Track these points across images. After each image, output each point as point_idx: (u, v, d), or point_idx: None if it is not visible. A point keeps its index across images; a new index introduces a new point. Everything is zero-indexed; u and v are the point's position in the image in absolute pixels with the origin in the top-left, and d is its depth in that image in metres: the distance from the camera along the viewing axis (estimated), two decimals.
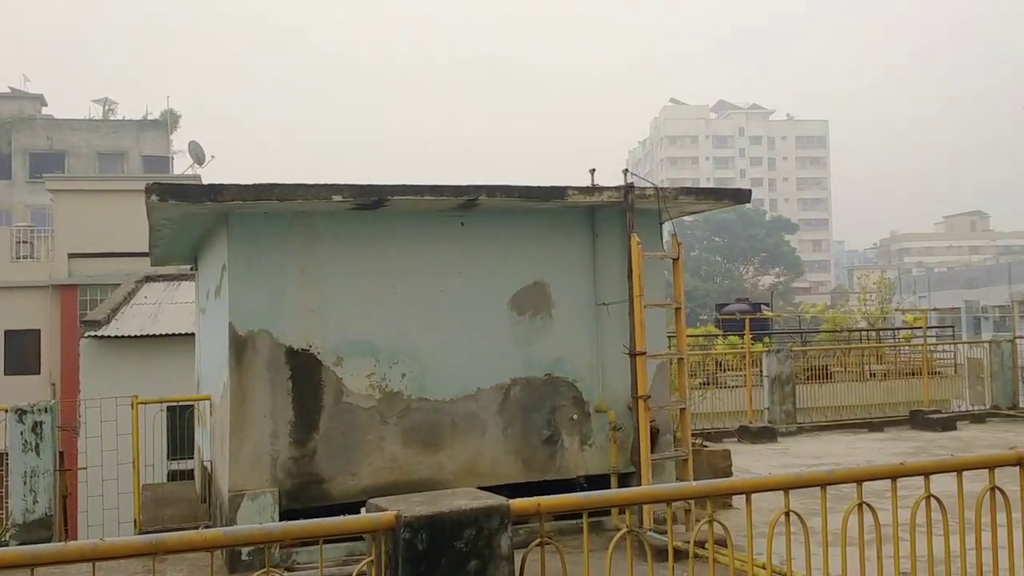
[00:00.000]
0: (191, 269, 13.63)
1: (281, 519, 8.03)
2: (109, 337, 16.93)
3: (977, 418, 17.58)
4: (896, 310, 36.53)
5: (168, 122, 43.71)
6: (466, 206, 8.85)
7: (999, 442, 14.55)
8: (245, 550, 7.65)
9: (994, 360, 18.46)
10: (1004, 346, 18.51)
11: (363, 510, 4.64)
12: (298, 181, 8.07)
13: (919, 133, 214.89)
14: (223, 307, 8.64)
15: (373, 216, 8.72)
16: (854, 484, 4.04)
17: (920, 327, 21.90)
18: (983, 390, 18.90)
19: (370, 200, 8.28)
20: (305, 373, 8.45)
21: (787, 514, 3.90)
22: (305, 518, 5.24)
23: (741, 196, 10.23)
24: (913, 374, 19.32)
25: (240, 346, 8.28)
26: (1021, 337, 19.29)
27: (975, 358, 19.78)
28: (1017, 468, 4.33)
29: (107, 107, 46.59)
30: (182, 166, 39.74)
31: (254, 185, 7.92)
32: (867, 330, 29.63)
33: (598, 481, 9.20)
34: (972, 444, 14.52)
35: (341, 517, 3.33)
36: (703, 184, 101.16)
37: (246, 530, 3.06)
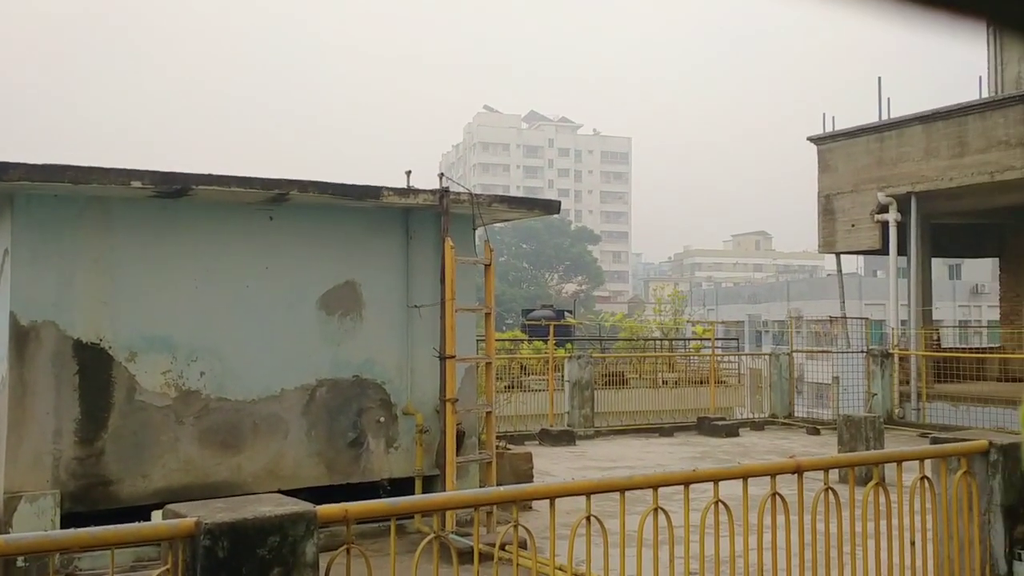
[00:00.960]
0: None
1: (63, 522, 7.53)
2: None
3: (757, 425, 18.83)
4: (687, 321, 38.56)
5: None
6: (276, 200, 8.61)
7: (776, 448, 15.65)
8: (22, 556, 7.11)
9: (773, 371, 19.86)
10: (782, 359, 19.96)
11: (155, 515, 4.41)
12: (93, 164, 7.61)
13: (712, 156, 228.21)
14: (3, 295, 8.00)
15: (175, 205, 8.33)
16: (650, 489, 4.24)
17: (708, 338, 23.22)
18: (762, 399, 20.28)
19: (172, 188, 7.92)
20: (94, 368, 7.96)
21: (588, 518, 4.04)
22: (90, 522, 4.94)
23: (551, 207, 10.55)
24: (701, 382, 20.45)
25: (22, 337, 7.70)
26: (797, 351, 20.85)
27: (756, 369, 21.20)
28: (795, 475, 4.68)
29: None
30: None
31: (45, 165, 7.40)
32: (661, 339, 31.12)
33: (402, 483, 9.19)
34: (752, 450, 15.54)
35: (136, 524, 3.16)
36: (513, 192, 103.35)
37: (30, 538, 2.84)
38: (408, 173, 9.29)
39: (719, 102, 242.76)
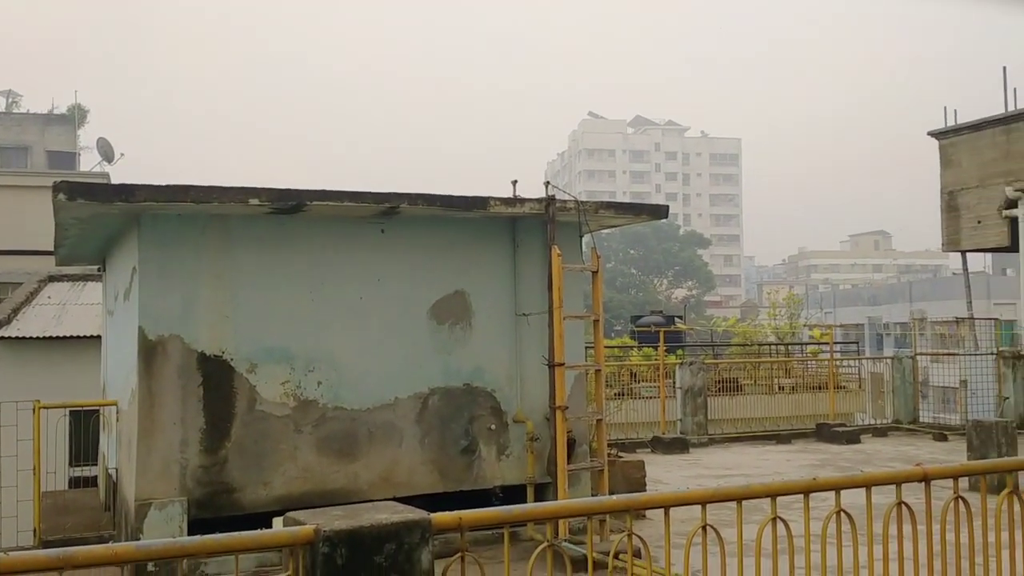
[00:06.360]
0: (98, 270, 13.22)
1: (190, 528, 7.83)
2: (10, 338, 16.26)
3: (879, 432, 18.16)
4: (804, 325, 37.56)
5: (75, 117, 42.31)
6: (387, 213, 8.78)
7: (901, 456, 15.06)
8: (152, 562, 7.42)
9: (896, 375, 19.11)
10: (905, 362, 19.19)
11: (276, 522, 4.54)
12: (213, 183, 7.91)
13: (827, 154, 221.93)
14: (132, 310, 8.39)
15: (291, 221, 8.58)
16: (769, 498, 4.12)
17: (826, 342, 22.57)
18: (885, 404, 19.55)
19: (288, 205, 8.15)
20: (217, 380, 8.25)
21: (704, 527, 3.96)
22: (215, 528, 5.11)
23: (659, 212, 10.42)
24: (819, 388, 19.88)
25: (150, 351, 8.05)
26: (921, 354, 20.03)
27: (877, 373, 20.47)
28: (922, 484, 4.48)
29: (10, 99, 44.91)
30: (89, 163, 38.53)
31: (168, 186, 7.72)
32: (776, 344, 30.42)
33: (513, 491, 9.21)
34: (875, 457, 15.00)
35: (258, 531, 3.25)
36: (620, 197, 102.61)
37: (160, 544, 2.95)
38: (514, 183, 9.35)
39: (833, 96, 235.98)
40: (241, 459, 8.23)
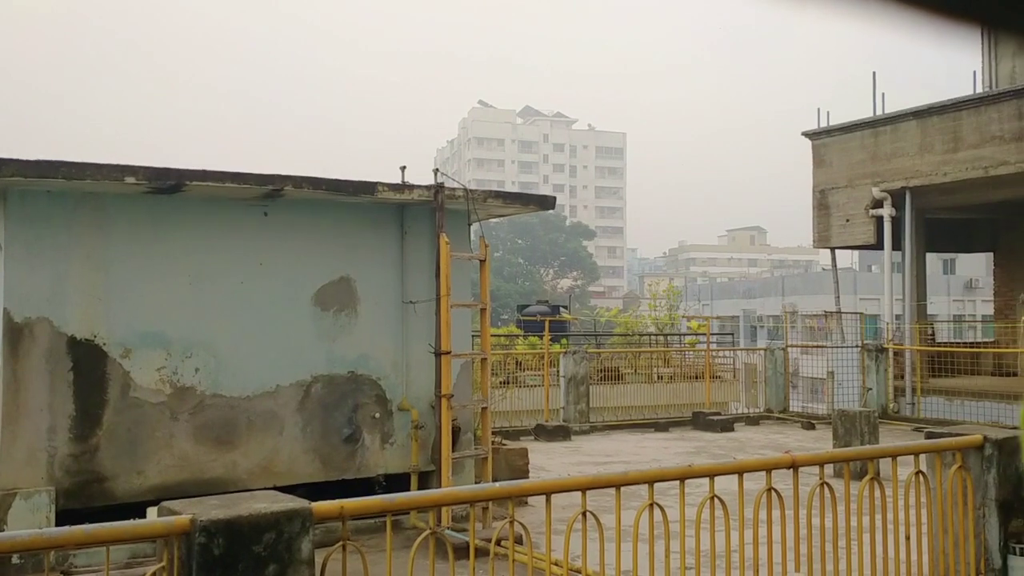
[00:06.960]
0: None
1: (58, 519, 7.52)
2: None
3: (752, 420, 18.84)
4: (682, 317, 38.61)
5: None
6: (271, 196, 8.59)
7: (771, 443, 15.67)
8: (17, 554, 7.09)
9: (768, 366, 19.86)
10: (777, 354, 19.96)
11: (151, 512, 4.40)
12: (87, 160, 7.58)
13: (707, 151, 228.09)
14: None
15: (169, 201, 8.31)
16: (646, 484, 4.24)
17: (703, 333, 23.24)
18: (757, 394, 20.30)
19: (166, 184, 7.89)
20: (89, 365, 7.94)
21: (584, 513, 4.04)
22: (85, 518, 4.93)
23: (546, 203, 10.54)
24: (696, 377, 20.46)
25: (15, 334, 7.68)
26: (792, 346, 20.86)
27: (751, 364, 21.21)
28: (790, 470, 4.69)
29: None
30: None
31: (38, 162, 7.38)
32: (656, 335, 31.20)
33: (398, 479, 9.18)
34: (747, 445, 15.56)
35: (132, 522, 3.15)
36: (508, 187, 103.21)
37: (25, 536, 2.83)
38: (403, 169, 9.29)
39: (713, 97, 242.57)
40: (113, 447, 7.95)
